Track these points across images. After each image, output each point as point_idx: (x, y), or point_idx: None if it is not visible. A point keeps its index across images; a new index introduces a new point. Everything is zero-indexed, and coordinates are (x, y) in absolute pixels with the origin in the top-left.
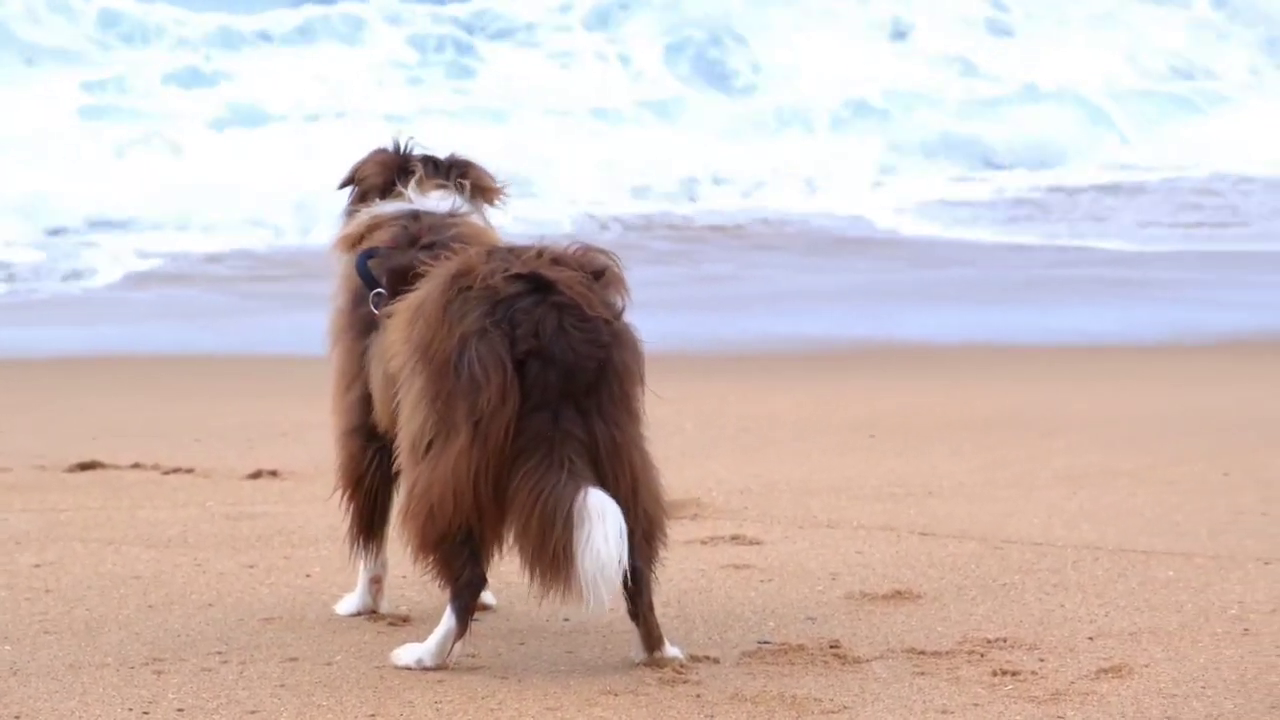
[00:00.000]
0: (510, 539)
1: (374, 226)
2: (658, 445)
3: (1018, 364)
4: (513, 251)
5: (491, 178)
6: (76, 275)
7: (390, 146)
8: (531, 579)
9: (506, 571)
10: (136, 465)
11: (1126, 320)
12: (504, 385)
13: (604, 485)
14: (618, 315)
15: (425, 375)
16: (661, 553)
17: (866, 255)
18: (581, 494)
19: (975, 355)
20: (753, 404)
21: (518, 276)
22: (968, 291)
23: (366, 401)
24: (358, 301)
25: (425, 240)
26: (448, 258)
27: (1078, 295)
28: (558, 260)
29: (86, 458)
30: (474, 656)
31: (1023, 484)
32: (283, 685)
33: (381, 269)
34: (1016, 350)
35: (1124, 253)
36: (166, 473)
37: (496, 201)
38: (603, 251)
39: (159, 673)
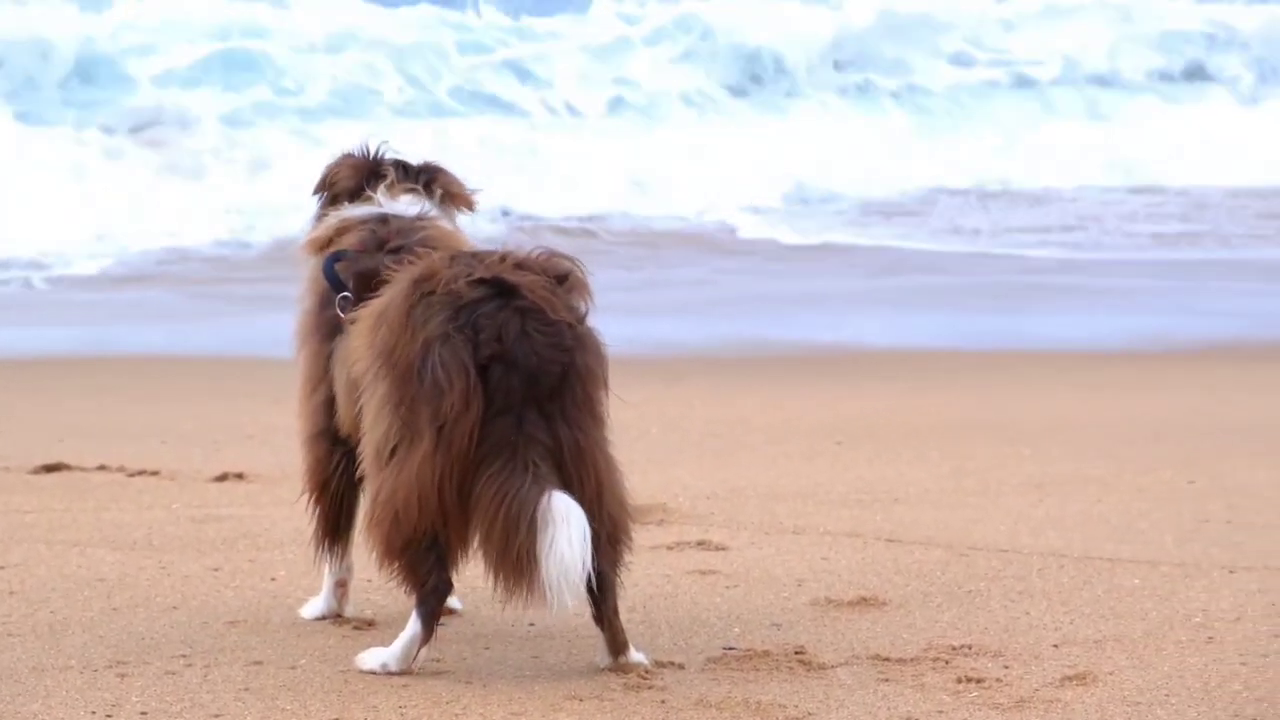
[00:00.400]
0: (475, 544)
1: (342, 230)
2: (623, 450)
3: (985, 370)
4: (476, 256)
5: (461, 183)
6: (41, 273)
7: (361, 150)
8: (496, 583)
9: (472, 576)
10: (102, 467)
11: (1093, 327)
12: (467, 390)
13: (568, 489)
14: (581, 319)
15: (389, 381)
16: (626, 556)
17: (832, 261)
18: (545, 498)
19: (942, 361)
20: (719, 409)
21: (480, 281)
22: (935, 298)
23: (332, 405)
24: (324, 305)
25: (393, 244)
26: (412, 262)
27: (1044, 302)
28: (521, 265)
29: (52, 459)
30: (439, 661)
31: (989, 491)
32: (247, 689)
33: (348, 273)
34: (983, 356)
35: (1087, 260)
36: (132, 475)
37: (467, 207)
38: (566, 256)
39: (123, 675)
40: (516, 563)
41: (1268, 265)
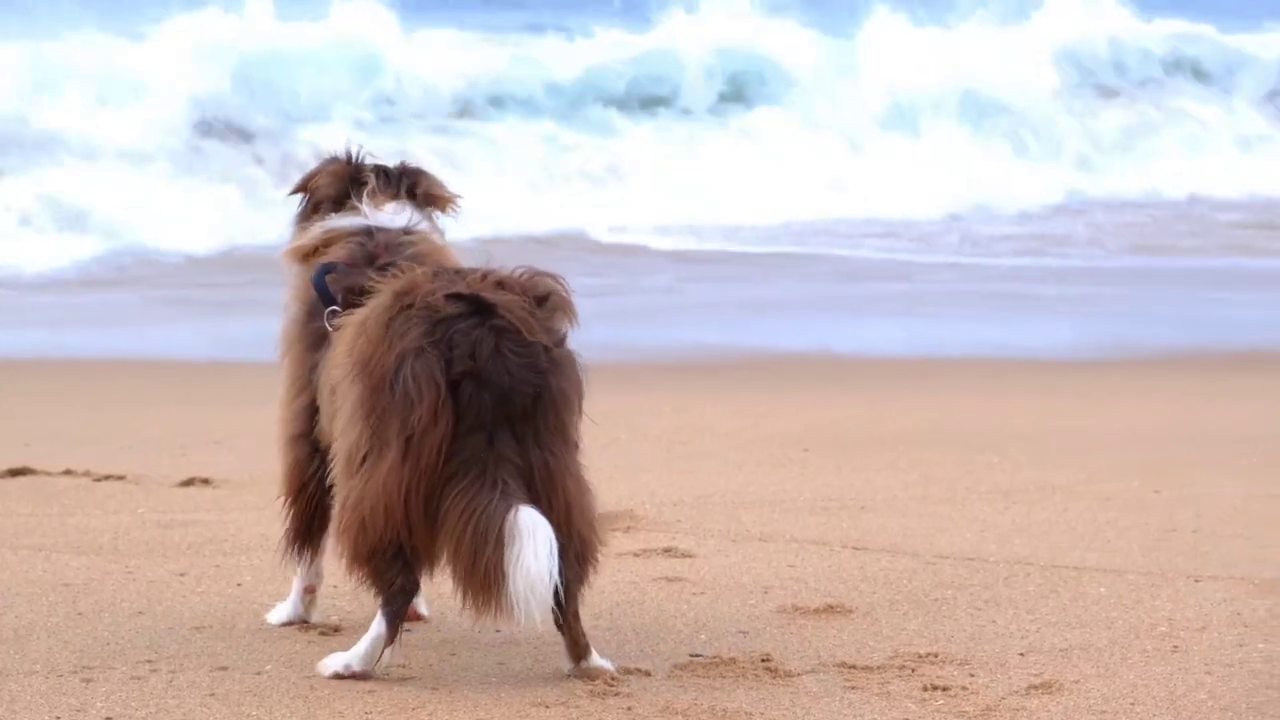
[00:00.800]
0: (443, 558)
1: (329, 240)
2: (591, 457)
3: (952, 378)
4: (459, 273)
5: (443, 186)
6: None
7: (343, 156)
8: (464, 600)
9: (438, 581)
10: (68, 472)
11: (1060, 335)
12: (436, 404)
13: (537, 509)
14: (559, 341)
15: (362, 389)
16: (592, 575)
17: (801, 269)
18: (512, 512)
19: (909, 369)
20: (686, 416)
21: (459, 297)
22: (901, 305)
23: (313, 410)
24: (312, 315)
25: (382, 260)
26: (396, 276)
27: (1011, 310)
28: (502, 283)
29: (18, 464)
30: (405, 667)
31: (956, 499)
32: (212, 694)
33: (338, 286)
34: (950, 364)
35: (1055, 269)
36: (98, 479)
37: (449, 210)
38: (549, 275)
39: (88, 680)
40: (484, 578)
41: (1236, 274)
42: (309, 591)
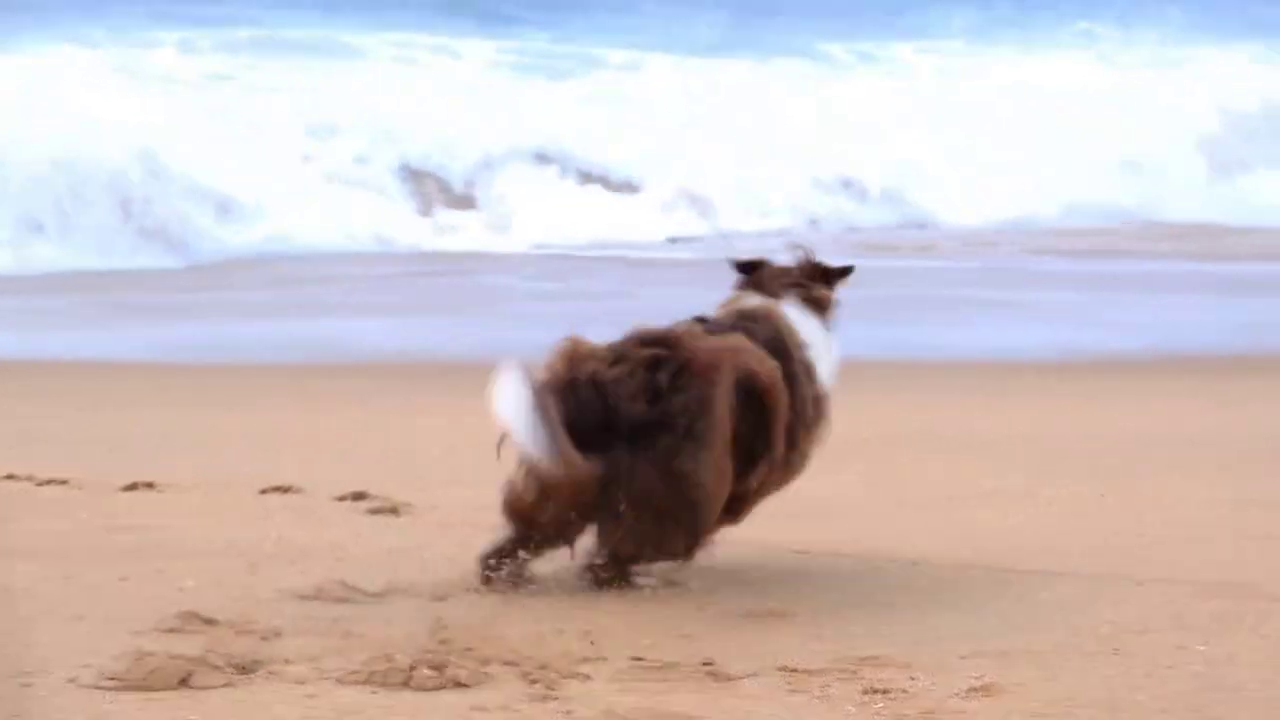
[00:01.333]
0: None
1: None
2: None
3: (897, 382)
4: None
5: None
6: None
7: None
8: None
9: (380, 582)
10: (10, 476)
11: (1006, 340)
12: None
13: None
14: None
15: None
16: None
17: None
18: None
19: (856, 373)
20: None
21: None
22: (854, 310)
23: None
24: None
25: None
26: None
27: (959, 314)
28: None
29: None
30: (348, 670)
31: (901, 502)
32: (149, 700)
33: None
34: (897, 367)
35: (1007, 271)
36: (40, 484)
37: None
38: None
39: (26, 685)
40: None
41: (1178, 278)
42: None
